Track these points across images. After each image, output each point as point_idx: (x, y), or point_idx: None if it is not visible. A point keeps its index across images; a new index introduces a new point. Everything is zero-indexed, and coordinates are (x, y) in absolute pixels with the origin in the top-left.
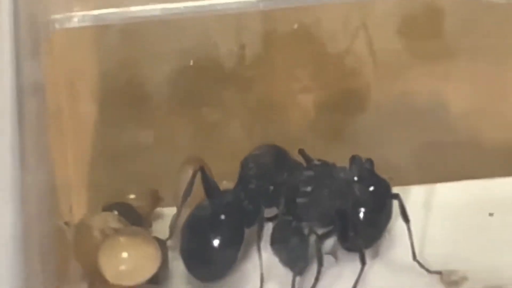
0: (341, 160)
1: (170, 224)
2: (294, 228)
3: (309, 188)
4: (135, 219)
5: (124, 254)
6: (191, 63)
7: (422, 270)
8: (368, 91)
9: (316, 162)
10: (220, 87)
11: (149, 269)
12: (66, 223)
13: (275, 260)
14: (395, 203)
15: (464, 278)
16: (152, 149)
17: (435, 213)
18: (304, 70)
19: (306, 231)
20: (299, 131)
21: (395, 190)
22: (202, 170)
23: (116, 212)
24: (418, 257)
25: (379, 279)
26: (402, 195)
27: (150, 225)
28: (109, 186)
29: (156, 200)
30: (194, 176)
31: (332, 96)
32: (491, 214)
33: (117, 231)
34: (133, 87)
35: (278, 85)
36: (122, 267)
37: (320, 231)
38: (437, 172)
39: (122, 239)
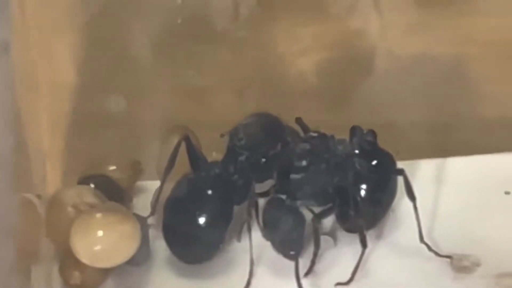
0: (343, 132)
1: (152, 199)
2: (287, 207)
3: (304, 163)
4: (115, 193)
5: (99, 233)
6: (179, 21)
7: (431, 254)
8: (373, 55)
9: (313, 134)
10: (210, 49)
11: (127, 249)
12: (39, 196)
13: (267, 241)
14: (400, 179)
15: (477, 264)
16: (135, 117)
17: (446, 190)
18: (304, 30)
19: (301, 210)
20: (297, 100)
21: (401, 165)
22: (187, 139)
23: (92, 186)
24: (426, 239)
25: (382, 264)
26: (409, 171)
27: (131, 200)
28: (87, 156)
29: (138, 172)
30: (178, 145)
31: (334, 60)
32: (507, 193)
33: (92, 207)
34: (114, 46)
35: (275, 47)
36: (97, 247)
37: (317, 211)
38: (449, 146)
39: (97, 215)
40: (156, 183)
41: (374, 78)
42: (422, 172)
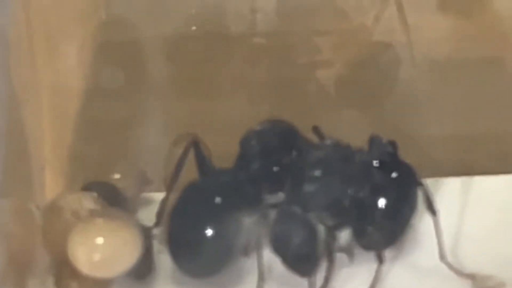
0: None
1: (158, 209)
2: (300, 219)
3: (318, 172)
4: (118, 203)
5: (100, 240)
6: (194, 28)
7: (452, 273)
8: (398, 64)
9: (328, 142)
10: (225, 56)
11: (128, 257)
12: (37, 206)
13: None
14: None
15: (501, 285)
16: (143, 125)
17: (472, 209)
18: (323, 41)
19: (315, 223)
20: (315, 109)
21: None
22: (196, 144)
23: (95, 193)
24: (448, 258)
25: (399, 283)
26: (433, 188)
27: (135, 211)
28: (91, 165)
29: (144, 182)
30: (186, 150)
31: (355, 70)
32: None
33: (92, 213)
34: (125, 51)
35: (293, 57)
36: (96, 256)
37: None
38: (477, 164)
39: (97, 222)
40: (163, 195)
41: (397, 88)
42: (446, 190)
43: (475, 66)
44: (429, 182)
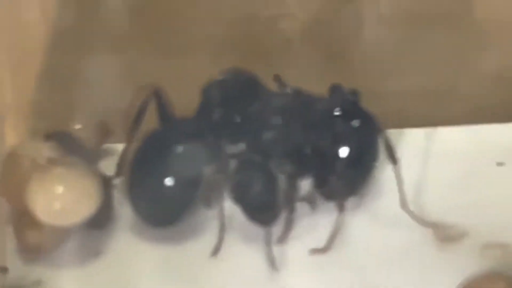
0: None
1: (119, 159)
2: (258, 167)
3: (278, 119)
4: (80, 153)
5: (58, 189)
6: None
7: (414, 223)
8: (362, 18)
9: (289, 90)
10: (188, 12)
11: (87, 207)
12: None
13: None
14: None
15: (463, 234)
16: (105, 77)
17: (435, 159)
18: None
19: (275, 172)
20: (277, 65)
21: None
22: (157, 94)
23: (54, 143)
24: (410, 208)
25: (362, 232)
26: (397, 139)
27: (96, 161)
28: (52, 115)
29: (105, 133)
30: (147, 100)
31: (318, 23)
32: (500, 164)
33: (51, 162)
34: (87, 4)
35: (256, 11)
36: (55, 204)
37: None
38: (440, 114)
39: (56, 170)
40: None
41: (361, 42)
42: (410, 141)
43: (438, 21)
44: (392, 132)
